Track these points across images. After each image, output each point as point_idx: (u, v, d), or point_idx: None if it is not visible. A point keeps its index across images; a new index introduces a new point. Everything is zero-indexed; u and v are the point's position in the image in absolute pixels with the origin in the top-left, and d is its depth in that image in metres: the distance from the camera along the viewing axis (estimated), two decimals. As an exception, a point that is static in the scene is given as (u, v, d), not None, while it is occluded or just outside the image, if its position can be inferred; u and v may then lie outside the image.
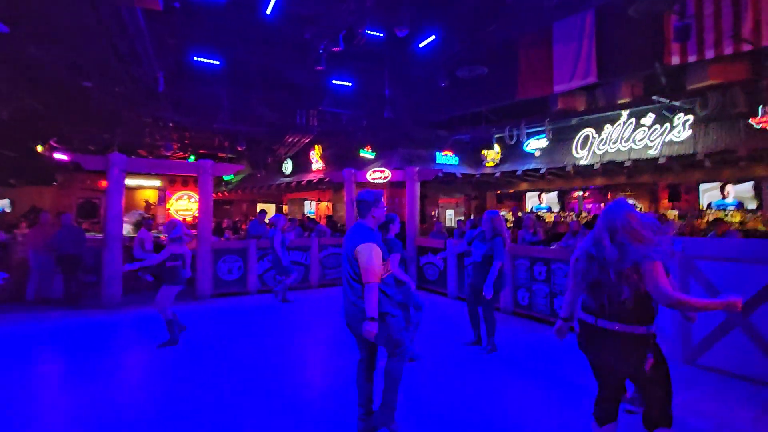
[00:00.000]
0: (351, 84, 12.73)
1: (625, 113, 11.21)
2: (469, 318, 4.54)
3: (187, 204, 20.57)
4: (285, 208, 21.41)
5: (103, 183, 7.32)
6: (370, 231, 2.71)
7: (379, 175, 10.01)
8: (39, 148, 14.31)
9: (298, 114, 14.08)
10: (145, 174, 18.11)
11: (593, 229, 2.11)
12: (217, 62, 11.30)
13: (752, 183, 12.02)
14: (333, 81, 12.43)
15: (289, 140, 15.30)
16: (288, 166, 17.69)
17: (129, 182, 14.14)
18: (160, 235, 8.41)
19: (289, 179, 17.55)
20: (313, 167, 16.53)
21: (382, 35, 10.55)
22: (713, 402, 3.25)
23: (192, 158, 17.09)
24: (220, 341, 4.82)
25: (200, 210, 7.46)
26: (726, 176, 11.65)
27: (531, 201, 17.60)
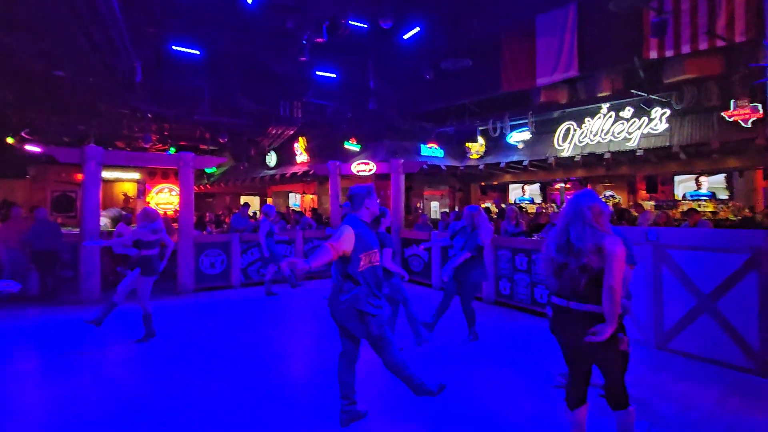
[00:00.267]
0: (335, 75, 12.60)
1: (605, 106, 11.43)
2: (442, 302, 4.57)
3: (168, 197, 20.14)
4: (269, 201, 21.18)
5: (79, 176, 7.11)
6: (361, 223, 2.76)
7: (364, 168, 9.98)
8: (9, 140, 13.75)
9: (282, 105, 13.88)
10: (124, 166, 17.63)
11: (561, 216, 2.26)
12: (197, 52, 11.02)
13: (724, 175, 12.49)
14: (317, 72, 12.29)
15: (273, 132, 15.08)
16: (272, 159, 17.46)
17: (106, 175, 13.75)
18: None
19: (273, 171, 17.34)
20: (298, 159, 16.36)
21: (367, 26, 10.46)
22: (680, 384, 3.41)
23: (172, 150, 16.65)
24: (201, 336, 4.78)
25: (181, 203, 7.33)
26: (700, 168, 12.05)
27: (514, 193, 17.87)
